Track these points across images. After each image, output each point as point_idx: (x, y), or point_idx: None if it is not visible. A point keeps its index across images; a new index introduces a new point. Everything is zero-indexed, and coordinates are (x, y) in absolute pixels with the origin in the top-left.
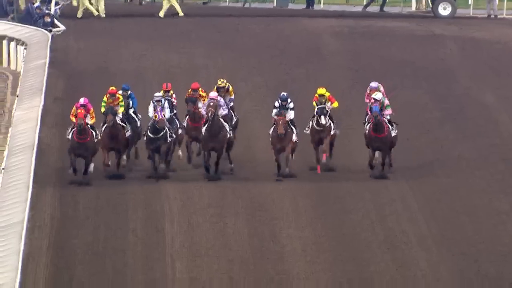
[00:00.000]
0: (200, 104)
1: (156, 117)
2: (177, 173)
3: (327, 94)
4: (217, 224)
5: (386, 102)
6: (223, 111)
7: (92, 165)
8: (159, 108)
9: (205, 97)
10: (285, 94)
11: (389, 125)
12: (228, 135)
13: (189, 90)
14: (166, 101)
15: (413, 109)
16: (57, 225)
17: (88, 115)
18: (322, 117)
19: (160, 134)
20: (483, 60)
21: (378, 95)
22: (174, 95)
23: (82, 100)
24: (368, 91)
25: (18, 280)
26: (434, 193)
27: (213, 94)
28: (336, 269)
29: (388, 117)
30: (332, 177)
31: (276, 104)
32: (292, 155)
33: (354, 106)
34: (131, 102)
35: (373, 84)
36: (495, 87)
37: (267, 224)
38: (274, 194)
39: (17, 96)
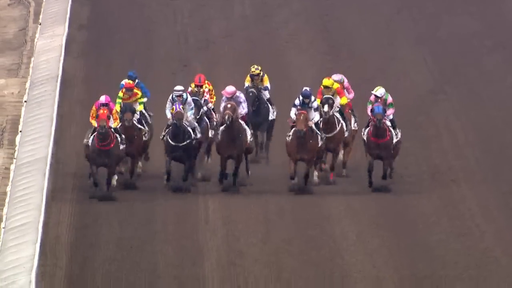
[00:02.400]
0: (206, 97)
1: (173, 110)
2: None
3: (335, 86)
4: (253, 171)
5: (390, 99)
6: (242, 109)
7: (115, 177)
8: (177, 103)
9: (212, 91)
10: (307, 89)
11: (391, 129)
12: (249, 140)
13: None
14: (189, 96)
15: (461, 37)
16: (83, 161)
17: (111, 116)
18: (326, 106)
19: (184, 143)
20: None
21: (380, 91)
22: (206, 89)
23: (103, 99)
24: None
25: (42, 219)
26: (483, 125)
27: (230, 89)
28: (379, 207)
29: (391, 116)
30: None
31: (297, 101)
32: (320, 166)
33: (395, 39)
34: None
35: (335, 77)
36: None
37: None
38: None
39: (40, 24)
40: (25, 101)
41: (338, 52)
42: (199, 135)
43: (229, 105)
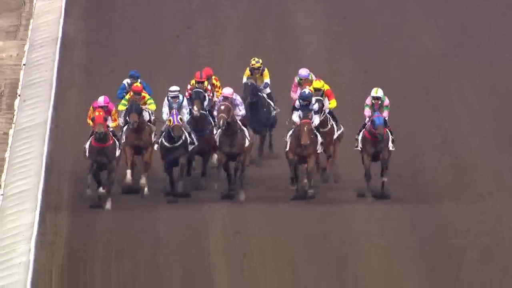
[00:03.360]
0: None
1: (170, 122)
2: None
3: (326, 87)
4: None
5: (386, 101)
6: (239, 111)
7: (110, 201)
8: (174, 109)
9: (220, 88)
10: (306, 91)
11: (388, 132)
12: (247, 143)
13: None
14: (185, 99)
15: None
16: (84, 125)
17: (110, 117)
18: (317, 116)
19: (179, 143)
20: None
21: (379, 92)
22: (209, 87)
23: (101, 100)
24: (296, 81)
25: (41, 186)
26: (496, 89)
27: (227, 91)
28: (388, 175)
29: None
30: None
31: (297, 103)
32: (317, 169)
33: (405, 1)
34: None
35: (303, 71)
36: None
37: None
38: None
39: None
40: (24, 64)
41: (346, 14)
42: (195, 141)
43: (222, 107)
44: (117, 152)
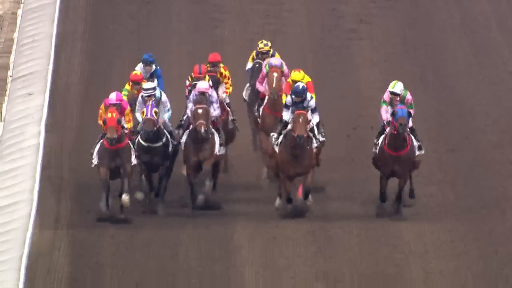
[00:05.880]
0: (220, 91)
1: (143, 115)
2: None
3: (306, 79)
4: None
5: (409, 97)
6: (213, 111)
7: (127, 197)
8: (150, 102)
9: (228, 78)
10: (299, 85)
11: (412, 138)
12: (217, 150)
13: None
14: (164, 95)
15: None
16: (94, 6)
17: (123, 117)
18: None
19: (159, 143)
20: None
21: (398, 86)
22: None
23: (113, 96)
24: (264, 71)
25: (51, 67)
26: None
27: (204, 85)
28: (407, 57)
29: (411, 123)
30: None
31: (288, 100)
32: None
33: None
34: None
35: (275, 60)
36: None
37: None
38: None
39: None
40: None
41: None
42: (175, 142)
43: (200, 111)
44: (133, 156)
